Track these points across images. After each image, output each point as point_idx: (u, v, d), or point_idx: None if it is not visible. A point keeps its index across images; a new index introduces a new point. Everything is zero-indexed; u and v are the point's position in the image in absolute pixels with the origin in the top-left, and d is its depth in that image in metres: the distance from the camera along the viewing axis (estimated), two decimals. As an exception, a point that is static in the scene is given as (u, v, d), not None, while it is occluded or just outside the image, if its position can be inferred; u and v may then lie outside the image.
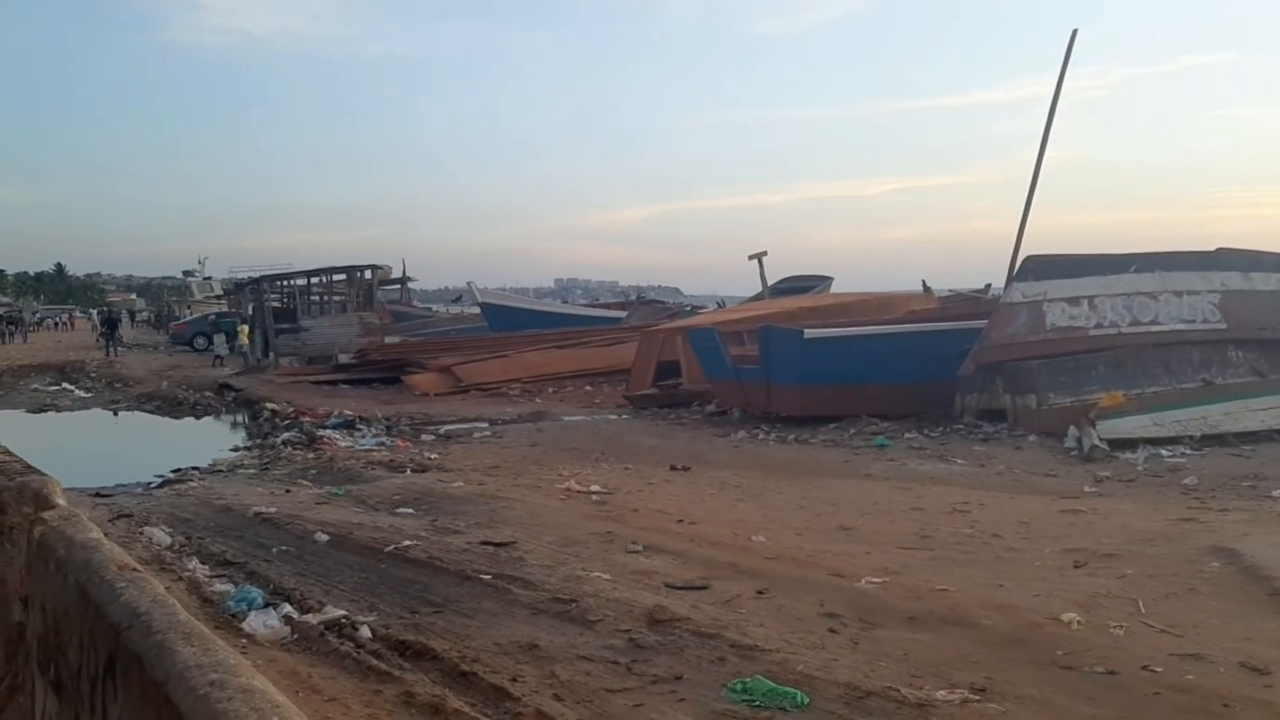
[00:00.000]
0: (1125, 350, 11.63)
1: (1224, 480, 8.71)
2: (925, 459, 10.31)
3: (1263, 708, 3.67)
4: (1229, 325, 11.99)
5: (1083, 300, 11.75)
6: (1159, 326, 11.85)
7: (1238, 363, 11.87)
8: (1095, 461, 9.72)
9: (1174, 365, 11.58)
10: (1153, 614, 4.81)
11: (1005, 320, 11.84)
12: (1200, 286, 12.05)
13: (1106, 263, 12.08)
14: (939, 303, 18.15)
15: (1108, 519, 7.09)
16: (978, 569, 5.78)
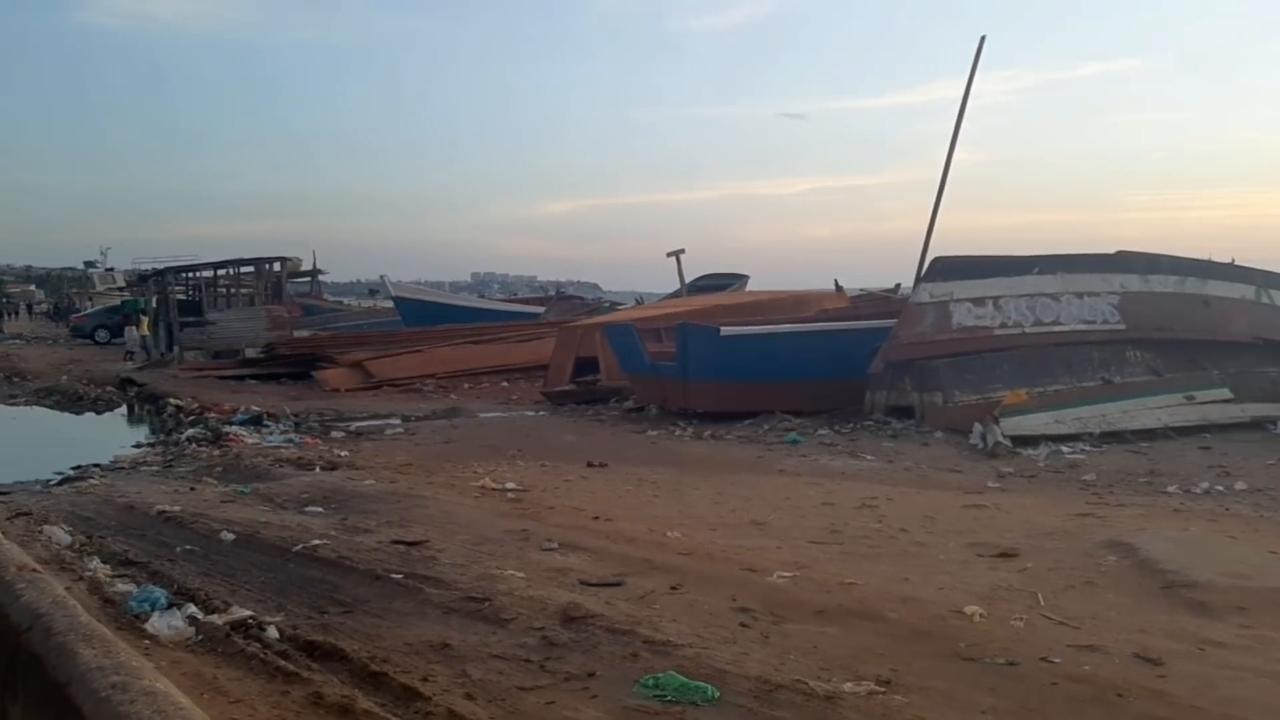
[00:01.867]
0: (1028, 349, 11.96)
1: (1121, 476, 9.01)
2: (836, 455, 10.49)
3: (1155, 697, 3.81)
4: (1127, 326, 12.39)
5: (988, 301, 12.06)
6: (1061, 326, 12.21)
7: (1135, 362, 12.28)
8: (999, 458, 9.99)
9: (1075, 364, 11.94)
10: (1052, 606, 4.95)
11: (914, 319, 12.09)
12: (1100, 288, 12.43)
13: (1011, 264, 12.41)
14: (851, 302, 18.47)
15: (1010, 514, 7.29)
16: (885, 563, 5.90)
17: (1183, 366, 12.37)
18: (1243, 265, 14.31)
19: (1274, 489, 8.33)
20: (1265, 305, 13.34)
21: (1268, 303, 13.38)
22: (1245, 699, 3.78)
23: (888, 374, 12.23)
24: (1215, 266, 13.76)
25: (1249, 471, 9.04)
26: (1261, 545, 6.16)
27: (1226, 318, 13.01)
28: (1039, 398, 11.34)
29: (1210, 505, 7.78)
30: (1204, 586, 5.13)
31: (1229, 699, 3.78)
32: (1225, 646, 4.36)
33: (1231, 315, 13.06)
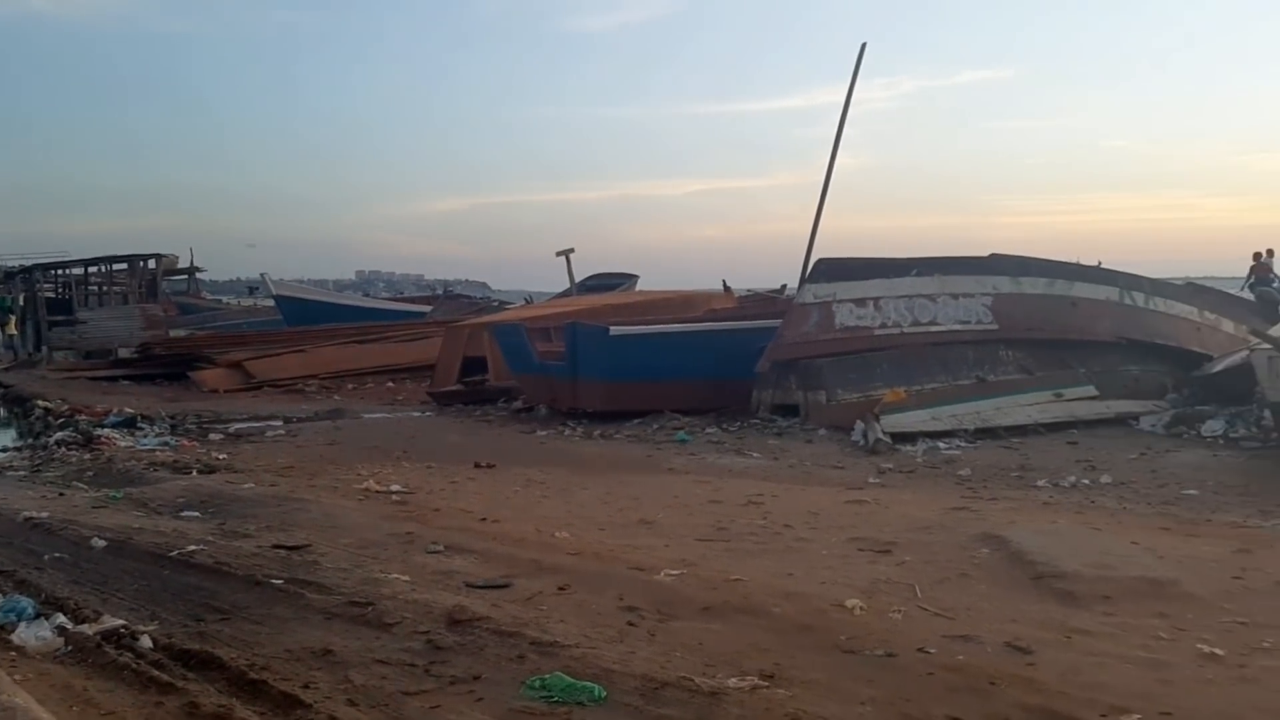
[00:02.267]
0: (907, 349, 12.29)
1: (994, 471, 9.34)
2: (723, 453, 10.62)
3: (1025, 684, 3.96)
4: (1000, 326, 12.83)
5: (869, 301, 12.36)
6: (937, 327, 12.58)
7: (1008, 361, 12.72)
8: (879, 454, 10.26)
9: (951, 363, 12.31)
10: (928, 598, 5.11)
11: (798, 320, 12.32)
12: (975, 290, 12.85)
13: (891, 266, 12.74)
14: (738, 302, 18.72)
15: (889, 509, 7.49)
16: (769, 559, 6.00)
17: (1052, 365, 12.86)
18: (1108, 268, 14.98)
19: (1136, 482, 8.75)
20: (1128, 306, 13.95)
21: (1130, 304, 13.99)
22: (1108, 684, 3.95)
23: (774, 373, 12.44)
24: (1082, 269, 14.35)
25: (1113, 465, 9.47)
26: (1124, 536, 6.45)
27: (1092, 318, 13.56)
28: (917, 396, 11.67)
29: (1077, 498, 8.12)
30: (1071, 576, 5.35)
31: (1093, 684, 3.95)
32: (1090, 634, 4.55)
33: (1097, 316, 13.63)
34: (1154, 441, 10.98)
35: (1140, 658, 4.24)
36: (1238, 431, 11.14)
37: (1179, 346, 14.03)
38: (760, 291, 20.16)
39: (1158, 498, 8.13)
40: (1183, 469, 9.37)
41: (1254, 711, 3.69)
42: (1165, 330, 14.15)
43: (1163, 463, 9.71)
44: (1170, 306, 14.48)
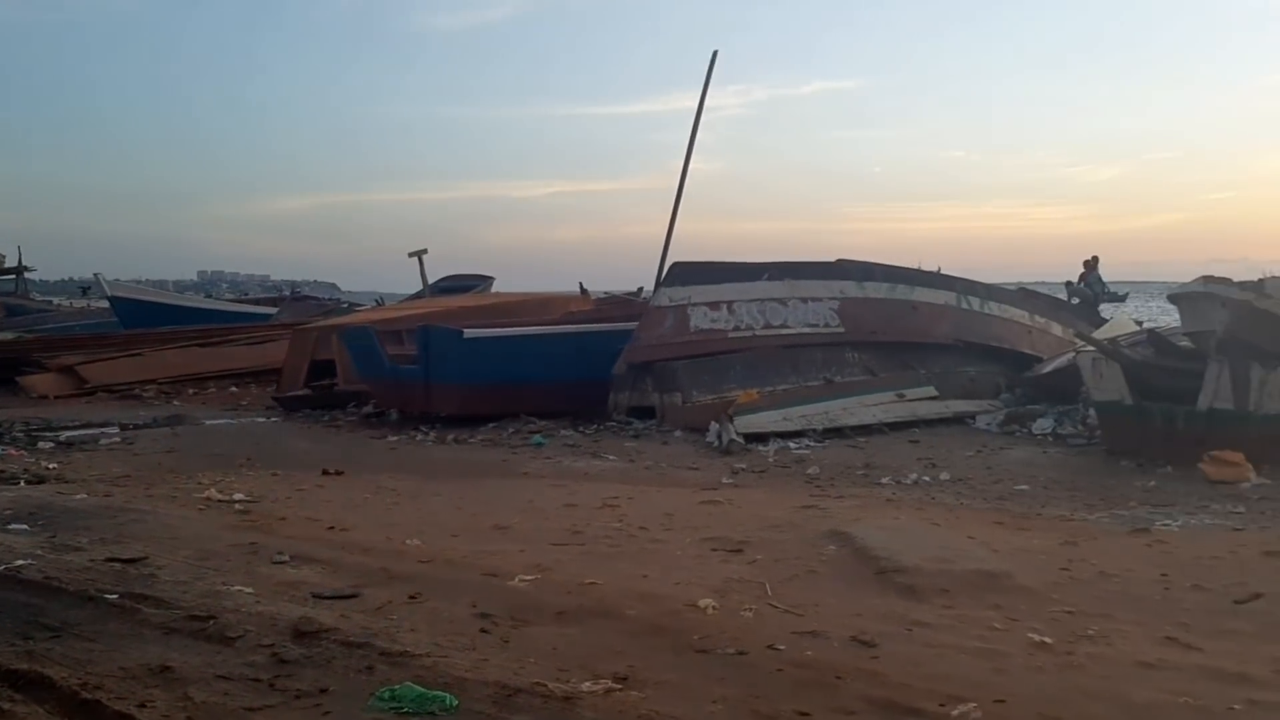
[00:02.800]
0: (759, 351, 12.57)
1: (841, 469, 9.62)
2: (580, 456, 10.63)
3: (869, 677, 4.08)
4: (846, 329, 13.24)
5: (722, 305, 12.58)
6: (788, 329, 12.90)
7: (854, 363, 13.14)
8: (733, 454, 10.44)
9: (801, 365, 12.64)
10: (778, 596, 5.22)
11: (654, 322, 12.45)
12: (823, 293, 13.23)
13: (744, 270, 13.00)
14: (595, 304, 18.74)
15: (742, 508, 7.62)
16: (625, 561, 6.03)
17: (895, 367, 13.34)
18: (947, 274, 15.62)
19: (972, 479, 9.15)
20: (965, 310, 14.58)
21: (967, 308, 14.63)
22: (947, 674, 4.11)
23: (630, 375, 12.52)
24: (922, 275, 14.94)
25: (951, 463, 9.88)
26: (961, 531, 6.74)
27: (932, 321, 14.13)
28: (769, 397, 11.94)
29: (918, 495, 8.44)
30: (912, 571, 5.55)
31: (933, 675, 4.10)
32: (930, 626, 4.73)
33: (936, 319, 14.20)
34: (989, 439, 11.50)
35: (976, 648, 4.42)
36: (1065, 429, 11.78)
37: (1012, 348, 14.75)
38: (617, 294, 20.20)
39: (992, 493, 8.52)
40: (1015, 466, 9.85)
41: (1079, 696, 3.89)
42: (999, 333, 14.85)
43: (997, 460, 10.19)
44: (1004, 310, 15.21)
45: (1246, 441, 9.18)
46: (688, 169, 14.08)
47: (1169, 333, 12.03)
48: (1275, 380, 9.42)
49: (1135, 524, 7.13)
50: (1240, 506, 7.92)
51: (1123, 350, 10.86)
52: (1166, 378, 10.27)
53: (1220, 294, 10.42)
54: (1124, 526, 7.06)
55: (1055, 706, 3.77)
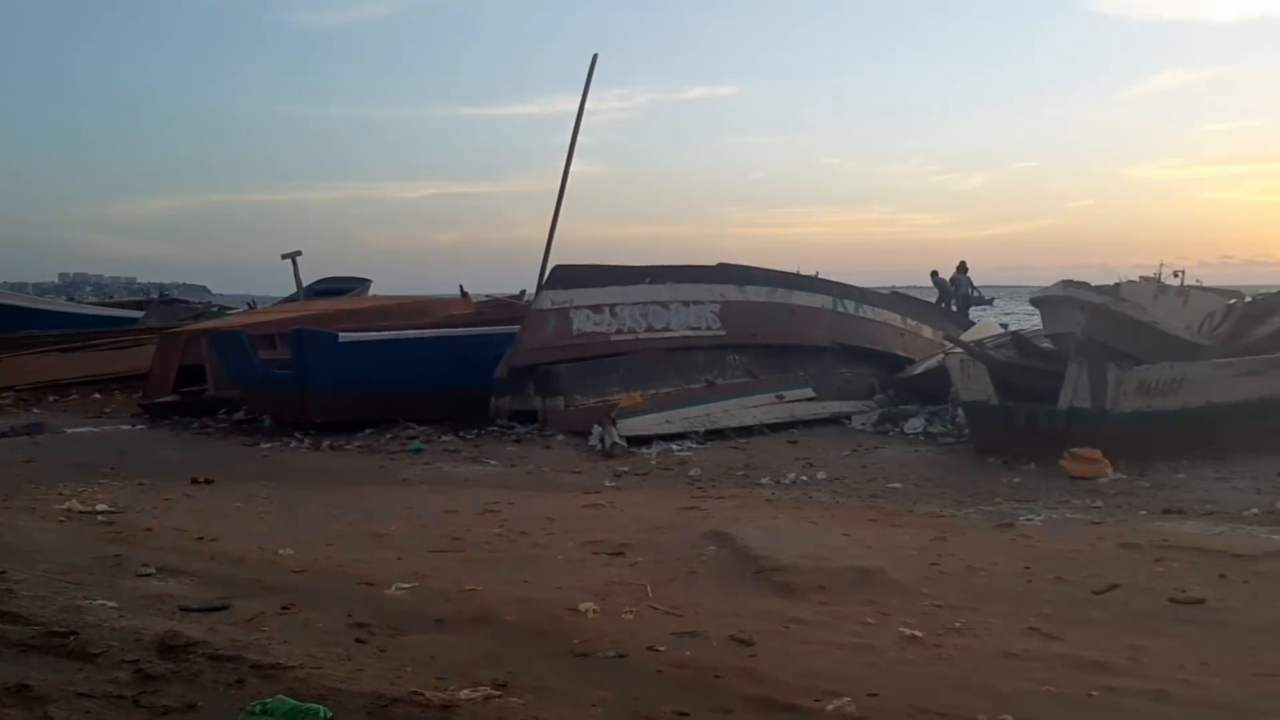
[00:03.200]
0: (642, 354, 12.63)
1: (722, 470, 9.73)
2: (460, 461, 10.51)
3: (747, 675, 4.13)
4: (727, 332, 13.41)
5: (605, 308, 12.60)
6: (670, 333, 12.99)
7: (734, 365, 13.31)
8: (615, 457, 10.47)
9: (683, 368, 12.75)
10: (659, 597, 5.24)
11: (536, 325, 12.39)
12: (704, 297, 13.37)
13: (626, 274, 13.05)
14: (476, 307, 18.56)
15: (624, 511, 7.64)
16: (505, 567, 5.99)
17: (774, 369, 13.57)
18: (824, 278, 15.96)
19: (848, 477, 9.36)
20: (841, 314, 14.92)
21: (843, 311, 14.97)
22: (822, 670, 4.19)
23: (512, 379, 12.43)
24: (800, 279, 15.23)
25: (828, 462, 10.09)
26: (837, 529, 6.88)
27: (809, 324, 14.42)
28: (651, 399, 12.00)
29: (796, 494, 8.59)
30: (789, 569, 5.65)
31: (809, 671, 4.18)
32: (806, 623, 4.82)
33: (814, 322, 14.50)
34: (864, 439, 11.79)
35: (851, 643, 4.52)
36: (936, 429, 12.15)
37: (886, 350, 15.16)
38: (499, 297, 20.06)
39: (867, 491, 8.73)
40: (889, 464, 10.11)
41: (947, 687, 4.00)
42: (874, 335, 15.24)
43: (871, 459, 10.44)
44: (878, 314, 15.61)
45: (1104, 438, 9.60)
46: (569, 172, 14.10)
47: (1032, 335, 12.54)
48: (1130, 380, 9.88)
49: (1001, 519, 7.39)
50: (1098, 501, 8.28)
51: (988, 352, 11.26)
52: (1030, 378, 10.68)
53: (1078, 298, 10.90)
54: (990, 522, 7.31)
55: (925, 698, 3.87)
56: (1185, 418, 10.15)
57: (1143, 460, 9.59)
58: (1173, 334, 11.07)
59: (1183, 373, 10.21)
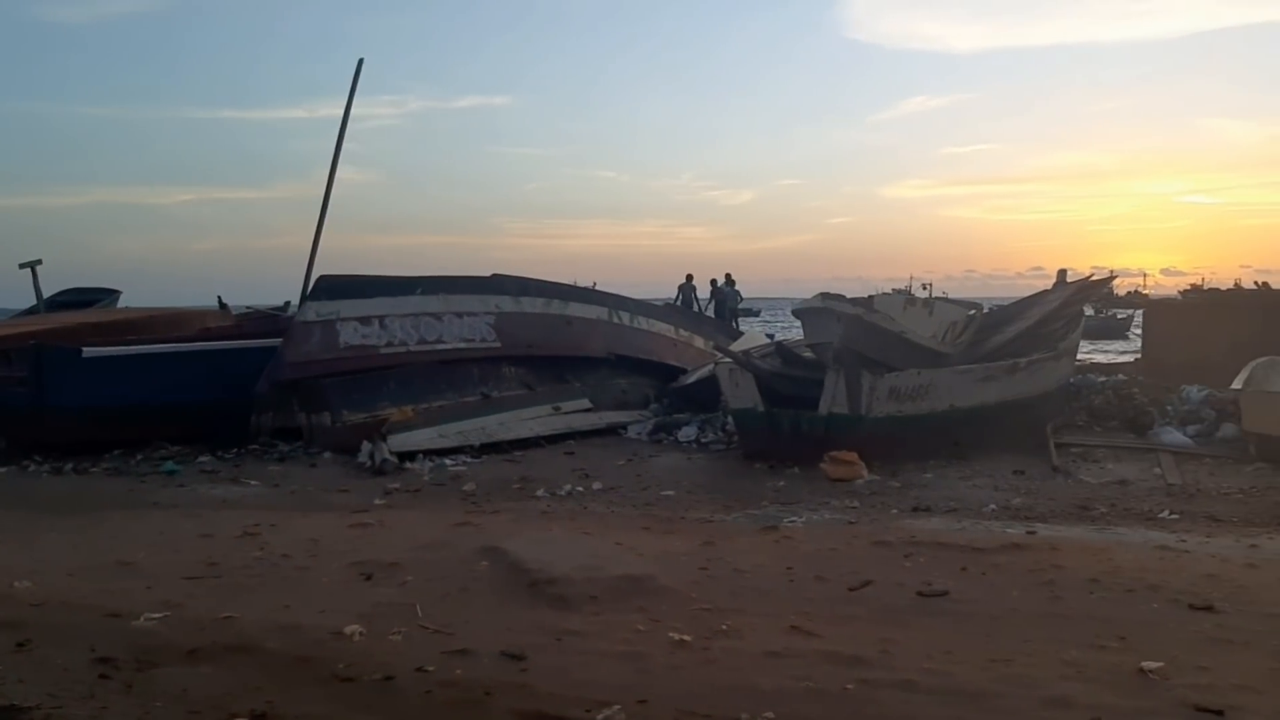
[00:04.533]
0: (414, 367, 12.34)
1: (498, 484, 9.66)
2: (218, 483, 9.99)
3: (519, 690, 4.10)
4: (503, 344, 13.31)
5: (374, 320, 12.24)
6: (443, 345, 12.76)
7: (510, 377, 13.23)
8: (386, 474, 10.20)
9: (457, 380, 12.56)
10: (429, 617, 5.13)
11: (300, 338, 11.89)
12: (478, 308, 13.22)
13: (396, 284, 12.73)
14: (236, 320, 17.70)
15: (394, 530, 7.45)
16: (265, 592, 5.72)
17: (550, 380, 13.58)
18: (600, 290, 16.12)
19: (623, 487, 9.48)
20: (616, 325, 15.11)
21: (618, 322, 15.16)
22: (594, 680, 4.21)
23: (275, 395, 11.92)
24: (576, 290, 15.35)
25: (604, 472, 10.18)
26: (611, 538, 6.94)
27: (586, 335, 14.52)
28: (424, 414, 11.77)
29: (572, 505, 8.63)
30: (562, 581, 5.65)
31: (581, 682, 4.19)
32: (579, 634, 4.83)
33: (590, 333, 14.61)
34: (639, 448, 11.98)
35: (622, 651, 4.56)
36: (708, 436, 12.49)
37: (660, 361, 15.45)
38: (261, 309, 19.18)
39: (641, 500, 8.87)
40: (663, 472, 10.32)
41: (714, 689, 4.10)
42: (648, 346, 15.52)
43: (646, 467, 10.63)
44: (652, 325, 15.91)
45: (860, 442, 10.14)
46: (334, 178, 13.66)
47: (794, 345, 13.09)
48: (882, 386, 10.47)
49: (766, 522, 7.66)
50: (855, 502, 8.73)
51: (755, 361, 11.67)
52: (793, 386, 11.14)
53: (835, 309, 11.47)
54: (757, 525, 7.57)
55: (692, 701, 3.95)
56: (932, 421, 10.84)
57: (895, 462, 10.18)
58: (919, 343, 11.83)
59: (929, 379, 10.90)
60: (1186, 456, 10.92)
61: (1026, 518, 8.04)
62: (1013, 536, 7.04)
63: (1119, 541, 6.95)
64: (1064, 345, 13.51)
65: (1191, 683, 4.15)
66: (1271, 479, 9.68)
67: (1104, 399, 13.69)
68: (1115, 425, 12.78)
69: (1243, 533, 7.37)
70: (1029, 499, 8.90)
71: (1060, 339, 13.55)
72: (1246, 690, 4.08)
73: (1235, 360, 13.29)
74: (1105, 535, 7.26)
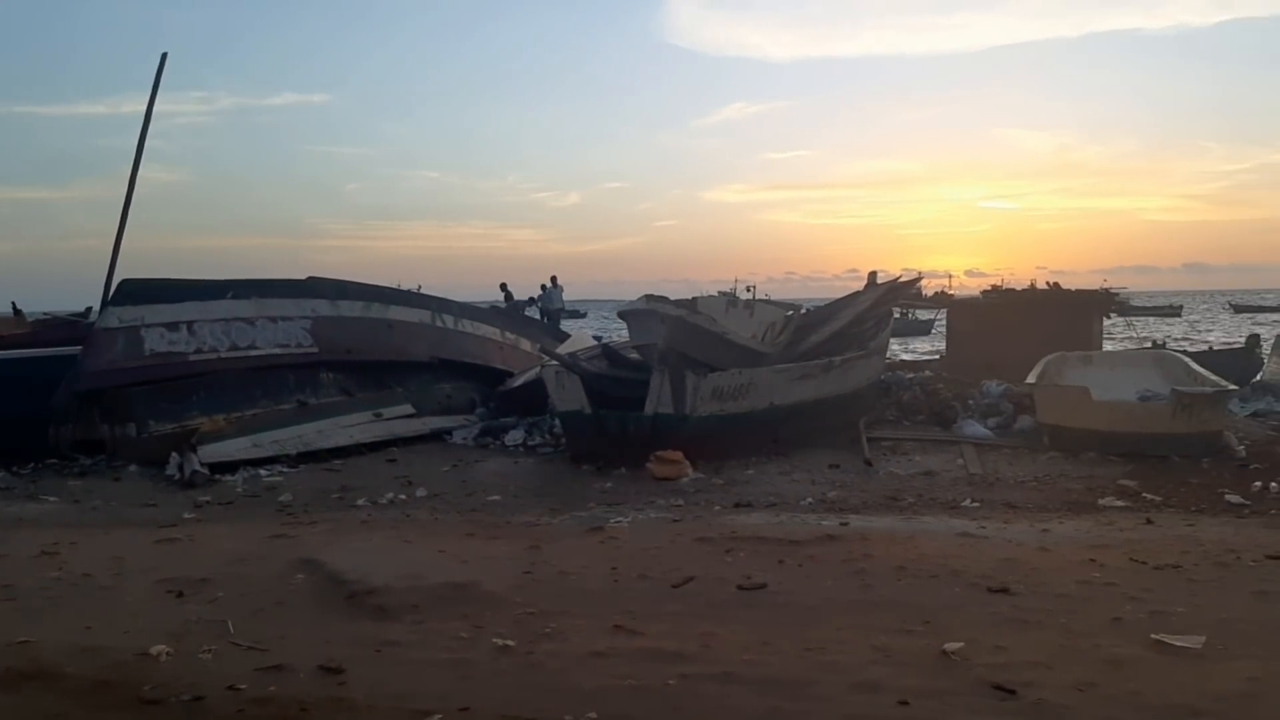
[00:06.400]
0: (225, 374, 11.85)
1: (316, 494, 9.38)
2: (13, 500, 9.36)
3: (336, 704, 4.00)
4: (320, 349, 12.92)
5: (182, 325, 11.68)
6: (257, 351, 12.30)
7: (329, 383, 12.87)
8: (197, 487, 9.78)
9: (272, 388, 12.13)
10: (242, 633, 4.94)
11: (101, 346, 11.25)
12: (294, 312, 12.79)
13: (205, 289, 12.18)
14: (31, 327, 16.61)
15: (205, 544, 7.14)
16: (65, 614, 5.39)
17: (371, 386, 13.28)
18: (424, 293, 15.86)
19: (447, 493, 9.37)
20: (440, 328, 14.90)
21: (442, 326, 14.96)
22: (415, 690, 4.15)
23: (75, 406, 11.25)
24: (398, 293, 15.07)
25: (428, 479, 10.04)
26: (433, 546, 6.84)
27: (408, 339, 14.27)
28: (237, 423, 11.32)
29: (394, 514, 8.46)
30: (382, 591, 5.53)
31: (401, 693, 4.12)
32: (400, 644, 4.74)
33: (412, 337, 14.36)
34: (465, 453, 11.86)
35: (444, 659, 4.51)
36: (535, 440, 12.48)
37: (485, 364, 15.33)
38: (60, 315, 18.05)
39: (466, 506, 8.78)
40: (489, 477, 10.24)
41: (537, 692, 4.10)
42: (473, 350, 15.37)
43: (472, 473, 10.53)
44: (477, 328, 15.77)
45: (685, 441, 10.33)
46: (137, 177, 12.98)
47: (620, 346, 13.20)
48: (705, 386, 10.69)
49: (592, 523, 7.70)
50: (680, 500, 8.88)
51: (581, 363, 11.73)
52: (619, 387, 11.24)
53: (659, 311, 11.64)
54: (583, 527, 7.59)
55: (515, 706, 3.94)
56: (753, 419, 11.14)
57: (719, 460, 10.42)
58: (740, 343, 12.14)
59: (749, 378, 11.20)
60: (987, 448, 11.58)
61: (841, 510, 8.36)
62: (827, 528, 7.30)
63: (925, 530, 7.30)
64: (874, 344, 14.12)
65: (989, 662, 4.40)
66: (1063, 467, 10.38)
67: (912, 395, 14.40)
68: (923, 419, 13.45)
69: (1036, 518, 7.86)
70: (843, 492, 9.26)
71: (871, 338, 14.16)
72: (1039, 667, 4.35)
73: (1031, 356, 14.22)
74: (912, 524, 7.61)
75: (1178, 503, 8.64)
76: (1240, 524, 7.66)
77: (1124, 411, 11.33)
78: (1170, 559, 6.23)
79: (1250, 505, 8.47)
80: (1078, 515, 8.04)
